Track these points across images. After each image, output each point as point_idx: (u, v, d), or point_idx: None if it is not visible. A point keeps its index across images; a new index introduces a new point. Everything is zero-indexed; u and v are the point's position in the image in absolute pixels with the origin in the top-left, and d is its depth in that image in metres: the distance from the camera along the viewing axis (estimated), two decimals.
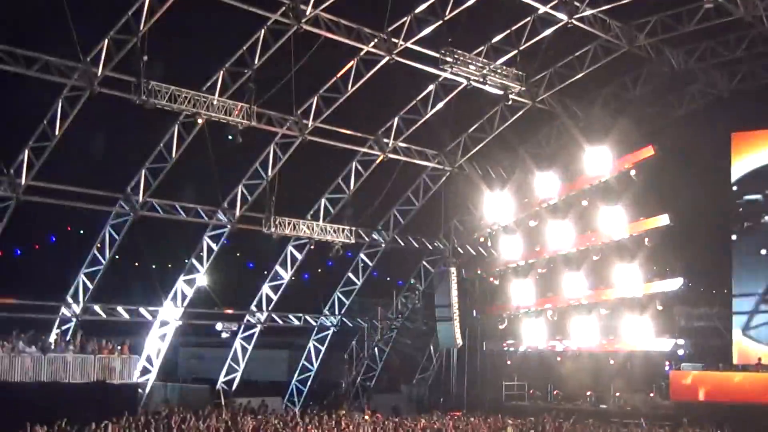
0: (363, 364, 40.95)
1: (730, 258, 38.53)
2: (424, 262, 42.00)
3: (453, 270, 40.00)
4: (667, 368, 37.31)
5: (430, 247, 41.45)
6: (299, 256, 36.83)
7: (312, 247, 36.50)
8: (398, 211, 39.17)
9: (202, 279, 34.41)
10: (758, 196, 38.16)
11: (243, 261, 42.26)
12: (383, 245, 39.33)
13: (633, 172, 35.81)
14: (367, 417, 31.61)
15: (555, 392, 39.65)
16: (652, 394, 37.57)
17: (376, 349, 41.02)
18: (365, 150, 35.38)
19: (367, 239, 38.66)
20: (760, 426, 28.27)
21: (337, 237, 35.39)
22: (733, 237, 38.59)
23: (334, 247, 35.49)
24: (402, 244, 40.00)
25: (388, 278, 43.82)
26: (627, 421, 33.31)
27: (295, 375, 40.14)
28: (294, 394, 39.25)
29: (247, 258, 42.12)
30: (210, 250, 34.28)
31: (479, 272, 41.39)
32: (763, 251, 37.93)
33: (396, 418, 32.29)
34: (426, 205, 39.17)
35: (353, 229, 36.16)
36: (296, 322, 38.68)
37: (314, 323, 39.48)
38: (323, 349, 40.01)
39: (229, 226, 33.94)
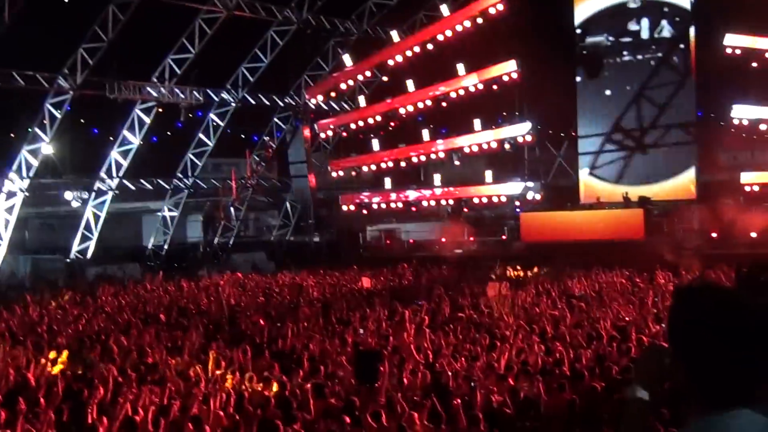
0: (219, 224, 42.49)
1: (575, 100, 41.28)
2: (276, 119, 43.35)
3: (305, 125, 41.52)
4: (517, 210, 39.96)
5: (282, 104, 42.80)
6: (147, 120, 37.55)
7: (160, 109, 37.27)
8: (247, 69, 40.11)
9: (47, 148, 34.83)
10: (600, 38, 40.73)
11: (88, 127, 42.50)
12: (233, 104, 40.37)
13: (480, 20, 37.71)
14: (227, 276, 33.18)
15: (411, 240, 42.16)
16: (504, 237, 40.41)
17: (232, 209, 42.48)
18: (208, 7, 35.93)
19: (216, 99, 39.59)
20: (612, 261, 30.93)
21: (185, 98, 36.21)
22: (578, 79, 41.30)
23: (182, 109, 36.39)
24: (252, 102, 41.14)
25: (243, 136, 44.96)
26: (483, 264, 35.73)
27: (151, 239, 41.39)
28: (151, 258, 40.48)
29: (92, 124, 42.37)
30: (53, 117, 34.63)
31: (332, 127, 42.97)
32: (607, 92, 40.87)
33: (255, 275, 33.90)
34: (275, 62, 40.18)
35: (201, 89, 37.02)
36: (149, 187, 39.67)
37: (168, 187, 40.58)
38: (178, 212, 41.32)
39: (71, 93, 34.26)
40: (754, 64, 35.10)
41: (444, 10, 38.81)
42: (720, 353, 2.74)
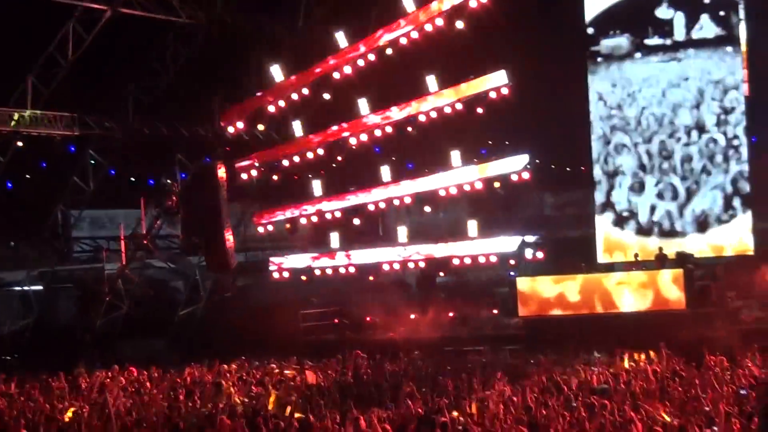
0: (103, 301, 42.12)
1: (588, 123, 41.67)
2: (180, 155, 43.21)
3: (219, 163, 41.46)
4: (512, 274, 40.04)
5: (187, 135, 42.75)
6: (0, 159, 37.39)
7: (19, 143, 37.10)
8: (139, 88, 40.03)
9: None
10: (621, 39, 41.32)
11: None
12: (120, 135, 40.27)
13: (460, 24, 37.97)
14: (115, 372, 32.84)
15: (368, 318, 42.05)
16: (495, 311, 40.44)
17: (120, 279, 42.11)
18: (86, 4, 36.01)
19: (96, 128, 39.46)
20: (643, 341, 30.93)
21: (54, 128, 36.12)
22: (591, 95, 41.78)
23: (50, 143, 36.32)
24: (147, 132, 41.01)
25: (132, 179, 44.77)
26: (466, 349, 35.76)
27: (7, 324, 40.96)
28: (7, 349, 39.95)
29: None
30: None
31: (257, 165, 42.87)
32: (630, 111, 41.33)
33: (155, 371, 33.62)
34: (178, 78, 40.14)
35: (76, 115, 36.95)
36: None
37: (29, 252, 40.20)
38: (47, 286, 40.93)
39: None
40: None
41: (408, 3, 39.07)
42: None
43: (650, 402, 20.84)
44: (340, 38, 40.09)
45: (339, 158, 40.98)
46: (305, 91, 40.94)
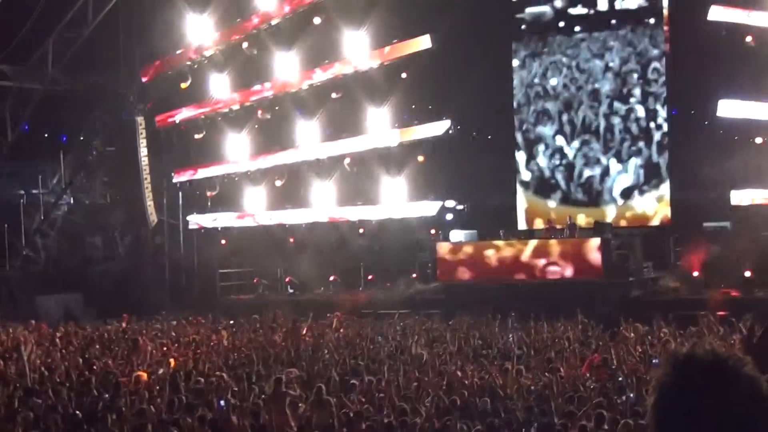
0: (19, 256, 41.67)
1: (511, 90, 41.77)
2: (100, 110, 42.74)
3: (140, 119, 41.10)
4: (432, 239, 40.06)
5: (107, 89, 42.26)
6: None
7: None
8: (59, 40, 39.50)
9: None
10: (545, 8, 41.37)
11: None
12: (39, 88, 39.74)
13: None
14: (31, 326, 32.55)
15: (287, 279, 42.03)
16: (414, 275, 40.50)
17: (38, 234, 41.67)
18: None
19: (14, 81, 38.93)
20: (561, 308, 31.04)
21: None
22: (515, 63, 41.87)
23: None
24: (66, 85, 40.52)
25: (47, 135, 44.22)
26: (382, 312, 35.73)
27: None
28: None
29: None
30: None
31: (177, 121, 42.58)
32: (553, 81, 41.48)
33: (69, 326, 33.30)
34: (98, 31, 39.67)
35: None
36: None
37: None
38: None
39: None
40: (749, 40, 35.84)
41: None
42: None
43: (566, 368, 20.99)
44: None
45: (260, 117, 40.83)
46: (228, 47, 40.70)
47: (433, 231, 40.24)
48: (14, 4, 36.30)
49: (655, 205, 39.89)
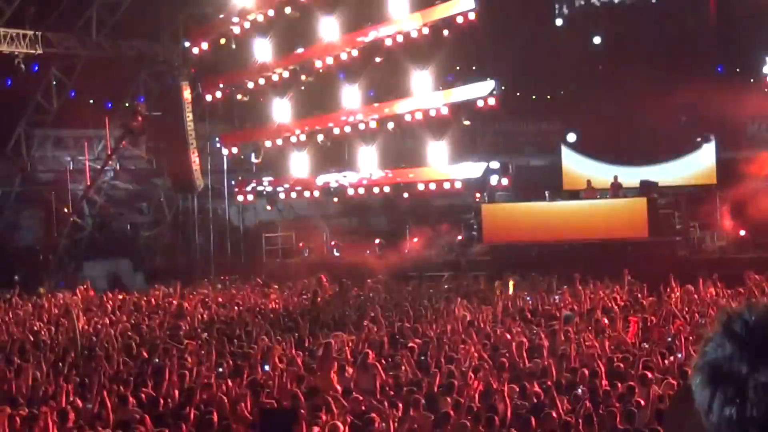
0: (67, 222, 41.92)
1: (554, 51, 41.51)
2: (144, 76, 42.87)
3: (185, 84, 41.14)
4: (477, 201, 40.03)
5: (152, 55, 42.38)
6: None
7: None
8: (102, 6, 39.60)
9: None
10: None
11: None
12: (83, 54, 39.88)
13: None
14: (78, 295, 32.74)
15: (333, 243, 42.11)
16: (460, 237, 40.50)
17: (84, 200, 41.89)
18: None
19: (59, 47, 39.08)
20: (606, 269, 30.95)
21: (17, 47, 35.71)
22: (558, 22, 41.62)
23: (14, 61, 35.98)
24: (110, 51, 40.65)
25: (92, 101, 44.43)
26: (428, 274, 35.81)
27: None
28: None
29: None
30: None
31: (222, 86, 42.62)
32: (596, 40, 41.19)
33: (117, 292, 33.55)
34: None
35: (39, 33, 36.55)
36: None
37: None
38: (9, 205, 40.72)
39: None
40: None
41: None
42: None
43: (613, 329, 20.94)
44: None
45: (304, 80, 40.79)
46: (271, 12, 40.60)
47: (477, 193, 40.14)
48: None
49: (701, 164, 39.63)
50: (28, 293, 32.89)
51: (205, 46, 41.69)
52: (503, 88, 39.41)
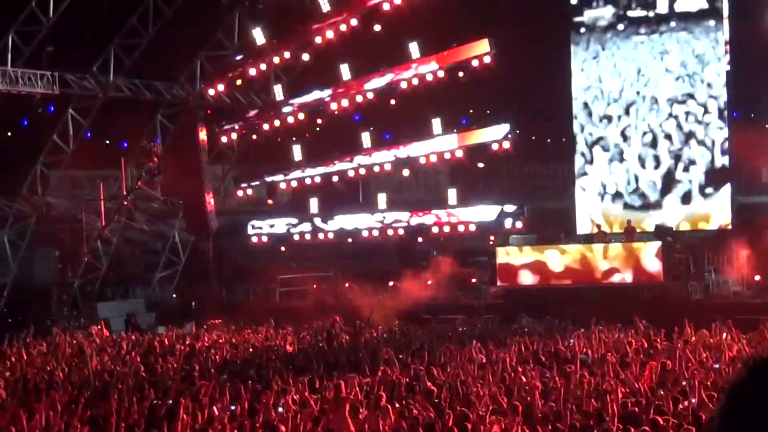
0: (81, 262, 41.98)
1: (570, 93, 41.55)
2: (161, 117, 43.02)
3: (201, 125, 41.28)
4: (491, 244, 39.97)
5: (169, 96, 42.57)
6: None
7: None
8: (120, 47, 39.82)
9: None
10: (604, 10, 41.12)
11: None
12: (100, 95, 40.09)
13: None
14: (93, 333, 32.79)
15: (347, 285, 41.98)
16: (474, 280, 40.40)
17: (99, 240, 41.96)
18: None
19: (76, 88, 39.25)
20: (621, 312, 30.85)
21: (34, 87, 35.92)
22: (573, 66, 41.66)
23: (31, 101, 36.22)
24: (128, 92, 40.85)
25: (108, 141, 44.56)
26: (443, 317, 35.71)
27: None
28: None
29: None
30: None
31: (237, 127, 42.73)
32: (613, 83, 41.23)
33: (132, 333, 33.58)
34: (159, 37, 39.87)
35: (56, 74, 36.73)
36: None
37: (7, 210, 40.09)
38: (23, 244, 40.82)
39: None
40: None
41: None
42: None
43: (627, 373, 20.84)
44: (323, 2, 39.84)
45: (319, 123, 40.89)
46: (287, 55, 40.73)
47: (492, 236, 40.12)
48: (75, 12, 36.55)
49: (716, 209, 39.56)
50: (42, 333, 32.89)
51: (221, 87, 41.83)
52: (518, 131, 39.44)
